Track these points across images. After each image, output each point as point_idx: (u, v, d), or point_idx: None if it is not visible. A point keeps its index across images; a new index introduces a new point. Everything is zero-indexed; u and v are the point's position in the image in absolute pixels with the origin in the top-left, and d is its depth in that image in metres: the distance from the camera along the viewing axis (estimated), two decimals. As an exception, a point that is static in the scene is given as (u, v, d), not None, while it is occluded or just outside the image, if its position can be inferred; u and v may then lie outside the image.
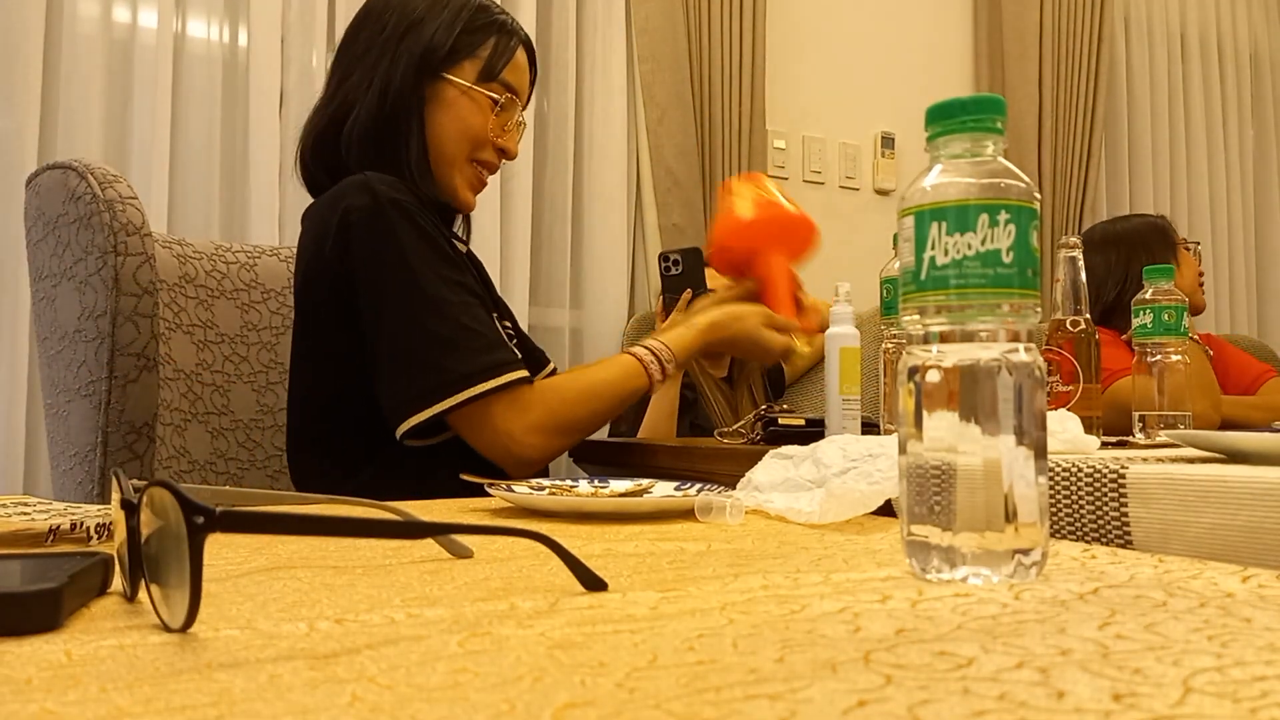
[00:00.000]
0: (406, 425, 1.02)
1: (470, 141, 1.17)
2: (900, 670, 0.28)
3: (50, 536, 0.52)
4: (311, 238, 1.12)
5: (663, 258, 1.48)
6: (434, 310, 1.03)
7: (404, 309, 1.04)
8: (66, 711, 0.24)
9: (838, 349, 1.11)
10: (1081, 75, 2.99)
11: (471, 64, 1.16)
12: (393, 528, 0.40)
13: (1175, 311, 1.19)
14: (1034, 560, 0.42)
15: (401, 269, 1.04)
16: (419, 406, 1.01)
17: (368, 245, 1.05)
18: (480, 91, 1.16)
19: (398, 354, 1.03)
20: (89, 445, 1.09)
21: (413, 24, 1.15)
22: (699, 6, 2.41)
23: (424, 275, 1.04)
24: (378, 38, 1.15)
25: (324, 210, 1.09)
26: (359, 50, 1.17)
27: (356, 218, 1.05)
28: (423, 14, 1.16)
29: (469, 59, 1.16)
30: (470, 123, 1.16)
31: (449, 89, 1.15)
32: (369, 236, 1.05)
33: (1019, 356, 0.42)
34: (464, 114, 1.16)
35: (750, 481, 0.75)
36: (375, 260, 1.05)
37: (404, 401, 1.02)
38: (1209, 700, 0.25)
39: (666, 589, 0.41)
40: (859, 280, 1.59)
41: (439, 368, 1.02)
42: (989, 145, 0.44)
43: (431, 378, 1.02)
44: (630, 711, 0.24)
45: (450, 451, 1.08)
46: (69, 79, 1.80)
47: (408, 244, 1.05)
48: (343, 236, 1.05)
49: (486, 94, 1.16)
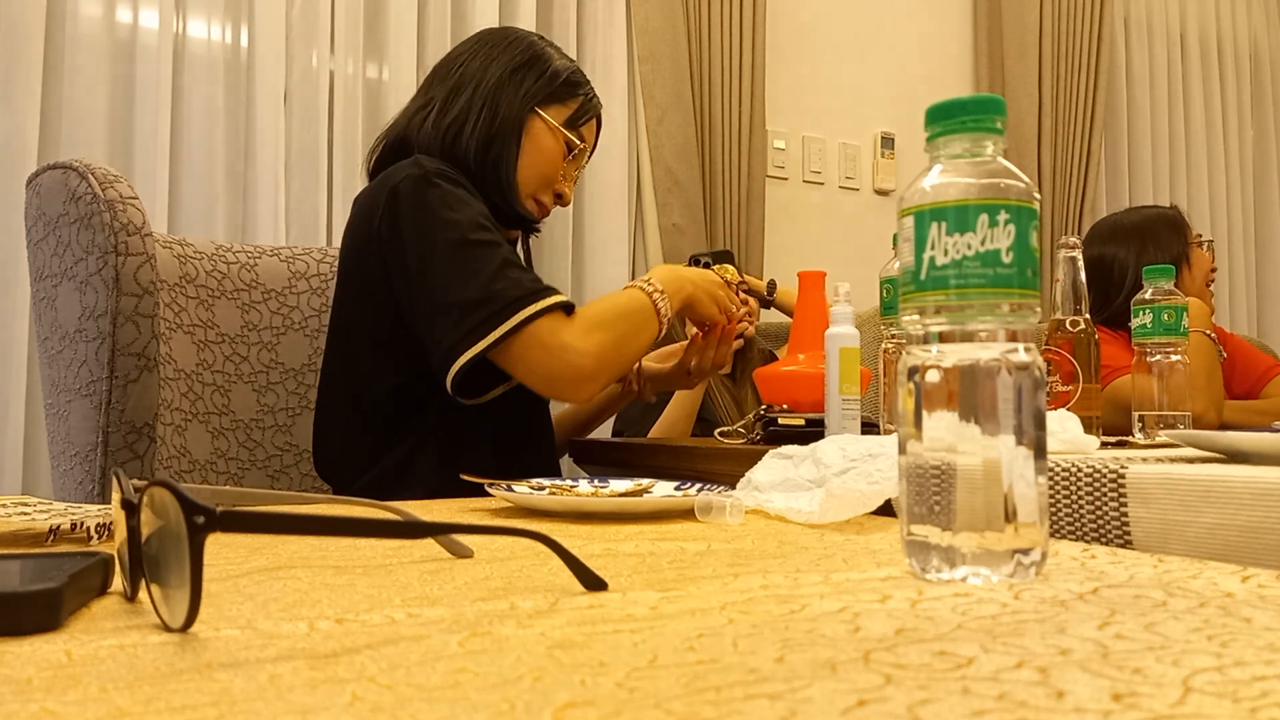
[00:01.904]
0: (462, 360, 1.04)
1: (543, 176, 1.26)
2: (900, 670, 0.28)
3: (50, 536, 0.52)
4: (363, 215, 1.17)
5: (693, 260, 1.53)
6: (477, 254, 1.08)
7: (447, 256, 1.08)
8: (66, 711, 0.24)
9: (838, 349, 1.11)
10: (1081, 75, 2.99)
11: (561, 110, 1.26)
12: (393, 528, 0.40)
13: (1175, 311, 1.19)
14: (1034, 560, 0.42)
15: (445, 225, 1.09)
16: (473, 340, 1.04)
17: (413, 207, 1.11)
18: (564, 133, 1.25)
19: (444, 297, 1.07)
20: (89, 445, 1.09)
21: (532, 60, 1.25)
22: (699, 6, 2.41)
23: (465, 226, 1.09)
24: (492, 68, 1.24)
25: (375, 189, 1.16)
26: (473, 71, 1.25)
27: (404, 188, 1.11)
28: (539, 53, 1.27)
29: (560, 105, 1.26)
30: (549, 158, 1.25)
31: (539, 124, 1.24)
32: (415, 200, 1.11)
33: (1019, 356, 0.42)
34: (546, 148, 1.25)
35: (750, 481, 0.75)
36: (420, 217, 1.10)
37: (459, 339, 1.05)
38: (1209, 700, 0.25)
39: (666, 589, 0.41)
40: (859, 280, 1.60)
41: (486, 300, 1.05)
42: (989, 145, 0.44)
43: (482, 310, 1.05)
44: (630, 711, 0.24)
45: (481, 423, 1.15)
46: (71, 79, 1.80)
47: (452, 201, 1.10)
48: (392, 208, 1.11)
49: (569, 136, 1.26)
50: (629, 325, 1.14)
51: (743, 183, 2.44)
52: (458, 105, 1.22)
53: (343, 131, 2.06)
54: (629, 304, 1.16)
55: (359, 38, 2.09)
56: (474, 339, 1.04)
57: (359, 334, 1.18)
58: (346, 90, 2.07)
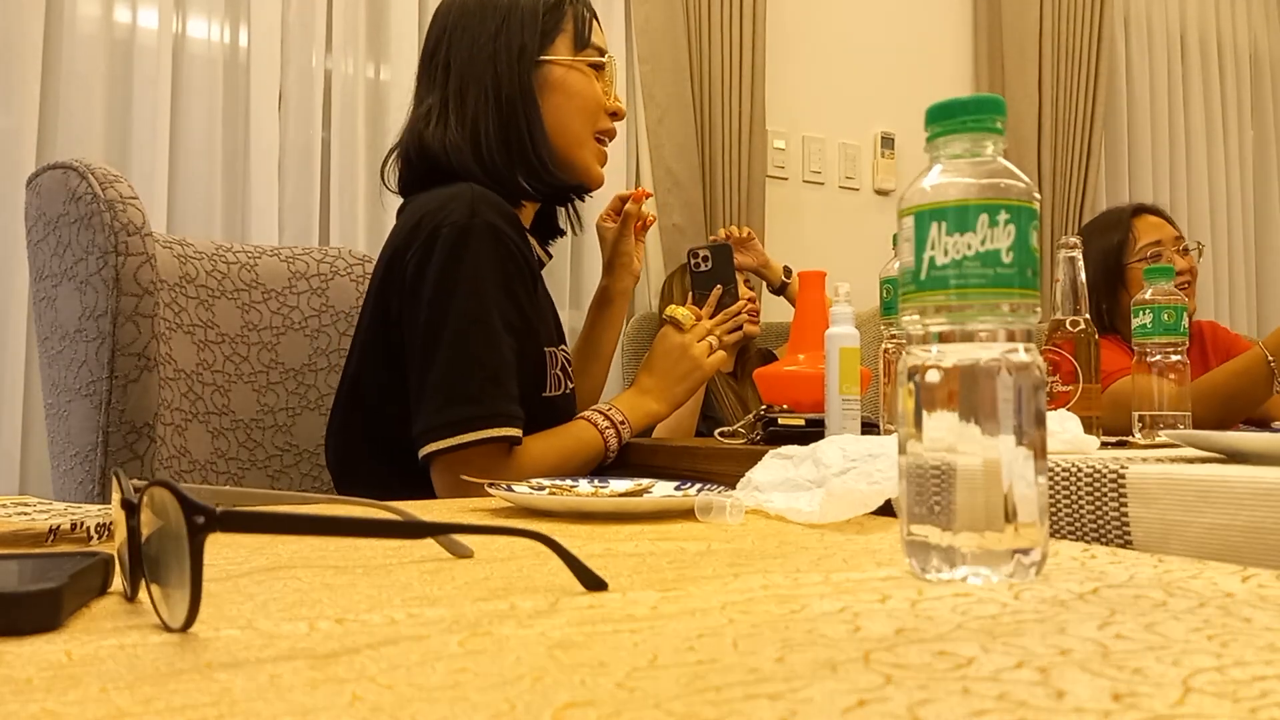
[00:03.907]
0: (431, 449, 1.03)
1: (590, 114, 1.19)
2: (900, 670, 0.28)
3: (50, 536, 0.52)
4: (404, 236, 1.11)
5: (691, 254, 1.49)
6: (485, 343, 1.05)
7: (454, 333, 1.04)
8: (67, 711, 0.24)
9: (838, 349, 1.11)
10: (1081, 75, 3.00)
11: (563, 39, 1.18)
12: (393, 528, 0.40)
13: (1175, 312, 1.19)
14: (1034, 560, 0.42)
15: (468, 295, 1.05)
16: (449, 433, 1.02)
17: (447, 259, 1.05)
18: (581, 61, 1.18)
19: (437, 376, 1.04)
20: (89, 445, 1.09)
21: (500, 24, 1.16)
22: (699, 6, 2.42)
23: (488, 301, 1.05)
24: (475, 48, 1.16)
25: (419, 223, 1.09)
26: (461, 58, 1.17)
27: (445, 235, 1.06)
28: (505, 11, 1.17)
29: (560, 35, 1.18)
30: (585, 94, 1.18)
31: (554, 70, 1.17)
32: (452, 254, 1.05)
33: (1019, 356, 0.42)
34: (577, 88, 1.18)
35: (750, 481, 0.75)
36: (448, 272, 1.06)
37: (439, 425, 1.03)
38: (1209, 700, 0.25)
39: (666, 589, 0.41)
40: (859, 280, 1.59)
41: (478, 400, 1.03)
42: (989, 145, 0.44)
43: (470, 409, 1.03)
44: (630, 711, 0.24)
45: None
46: (69, 79, 1.80)
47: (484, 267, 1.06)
48: (428, 249, 1.06)
49: (587, 61, 1.18)
50: (568, 469, 1.11)
51: (743, 183, 2.44)
52: (466, 104, 1.15)
53: (341, 132, 2.06)
54: (576, 446, 1.13)
55: (359, 38, 2.09)
56: (450, 433, 1.02)
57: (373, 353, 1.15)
58: (345, 90, 2.07)
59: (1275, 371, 1.33)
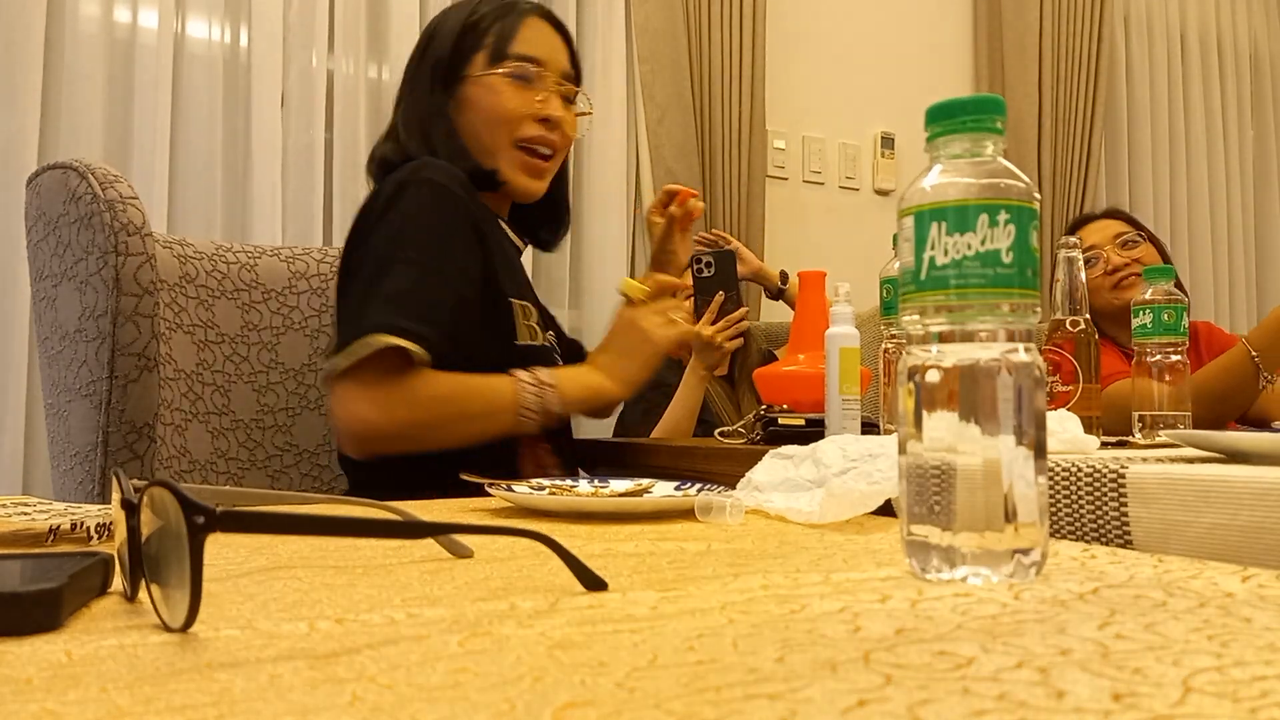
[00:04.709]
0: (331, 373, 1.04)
1: (499, 124, 1.20)
2: (900, 670, 0.28)
3: (50, 536, 0.52)
4: (365, 206, 1.16)
5: (694, 259, 1.48)
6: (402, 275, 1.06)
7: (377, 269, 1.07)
8: (67, 711, 0.24)
9: (838, 349, 1.11)
10: (1081, 75, 2.99)
11: (480, 55, 1.20)
12: (393, 528, 0.40)
13: (1175, 312, 1.19)
14: (1034, 560, 0.42)
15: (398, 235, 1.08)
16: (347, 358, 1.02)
17: (391, 206, 1.10)
18: (492, 74, 1.19)
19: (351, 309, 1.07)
20: (89, 445, 1.09)
21: (423, 49, 1.22)
22: (699, 7, 2.41)
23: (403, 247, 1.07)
24: (409, 72, 1.24)
25: (382, 185, 1.15)
26: (403, 84, 1.25)
27: (386, 188, 1.11)
28: (432, 31, 1.23)
29: (478, 52, 1.20)
30: (491, 106, 1.20)
31: (466, 86, 1.20)
32: (385, 206, 1.10)
33: (1019, 356, 0.42)
34: (484, 101, 1.20)
35: (750, 481, 0.75)
36: (375, 223, 1.10)
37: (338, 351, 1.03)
38: (1209, 700, 0.25)
39: (666, 589, 0.41)
40: (859, 280, 1.59)
41: (376, 318, 1.03)
42: (989, 145, 0.44)
43: (366, 324, 1.02)
44: (630, 711, 0.24)
45: None
46: (70, 79, 1.80)
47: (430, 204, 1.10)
48: (371, 201, 1.13)
49: (498, 73, 1.19)
50: (470, 407, 1.09)
51: (743, 183, 2.44)
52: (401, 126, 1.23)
53: (342, 132, 2.06)
54: (482, 387, 1.09)
55: (360, 38, 2.09)
56: (345, 359, 1.01)
57: None
58: (346, 90, 2.07)
59: (1260, 367, 1.33)
